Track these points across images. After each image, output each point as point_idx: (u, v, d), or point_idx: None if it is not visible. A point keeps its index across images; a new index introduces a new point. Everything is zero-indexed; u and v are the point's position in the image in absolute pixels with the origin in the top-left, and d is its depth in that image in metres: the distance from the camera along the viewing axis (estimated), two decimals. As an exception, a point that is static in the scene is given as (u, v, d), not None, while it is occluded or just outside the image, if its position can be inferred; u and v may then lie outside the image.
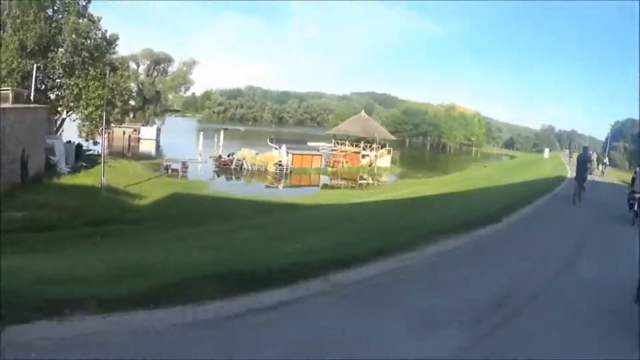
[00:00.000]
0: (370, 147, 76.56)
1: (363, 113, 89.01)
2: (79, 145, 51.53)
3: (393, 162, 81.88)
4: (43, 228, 22.17)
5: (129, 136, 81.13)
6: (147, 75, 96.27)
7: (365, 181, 64.93)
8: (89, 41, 46.81)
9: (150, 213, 30.45)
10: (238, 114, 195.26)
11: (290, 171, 62.33)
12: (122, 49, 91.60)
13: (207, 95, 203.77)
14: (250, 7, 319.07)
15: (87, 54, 46.15)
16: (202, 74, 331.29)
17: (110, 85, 47.52)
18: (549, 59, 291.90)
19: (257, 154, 63.96)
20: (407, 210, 26.32)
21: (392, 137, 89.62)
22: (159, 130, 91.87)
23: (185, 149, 67.92)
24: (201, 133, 75.26)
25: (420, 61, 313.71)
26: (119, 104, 52.06)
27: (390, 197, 37.80)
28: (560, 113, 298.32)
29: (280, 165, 61.86)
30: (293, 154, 64.41)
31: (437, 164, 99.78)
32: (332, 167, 70.20)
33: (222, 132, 72.96)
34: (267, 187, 54.29)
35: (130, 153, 69.11)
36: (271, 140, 71.71)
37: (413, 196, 36.28)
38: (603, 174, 48.95)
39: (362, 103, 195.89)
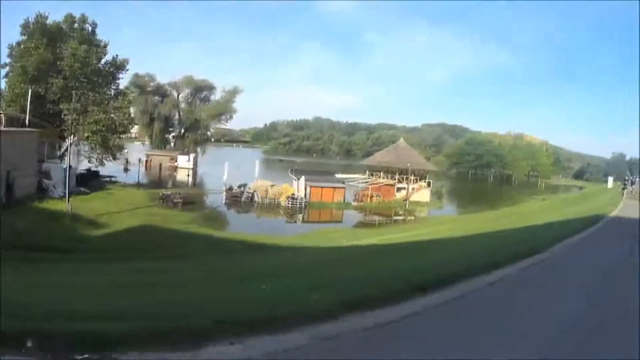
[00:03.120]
0: (406, 179, 66.79)
1: (401, 141, 78.37)
2: (95, 172, 54.04)
3: (438, 195, 73.81)
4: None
5: (160, 164, 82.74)
6: (187, 103, 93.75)
7: (401, 217, 57.20)
8: (88, 67, 46.52)
9: (97, 244, 28.34)
10: (304, 145, 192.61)
11: (306, 205, 54.45)
12: (168, 76, 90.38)
13: (273, 126, 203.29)
14: (324, 39, 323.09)
15: (84, 80, 46.26)
16: (272, 105, 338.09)
17: (112, 111, 48.42)
18: (619, 86, 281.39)
19: (272, 185, 56.14)
20: (395, 257, 23.01)
21: (432, 168, 79.33)
22: (195, 159, 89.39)
23: (228, 178, 61.00)
24: (256, 162, 69.33)
25: (492, 91, 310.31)
26: (120, 129, 51.24)
27: (394, 239, 32.72)
28: (633, 141, 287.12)
29: (293, 198, 54.02)
30: (311, 186, 56.48)
31: (491, 198, 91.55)
32: (360, 201, 61.68)
33: (257, 162, 67.65)
34: (264, 220, 48.35)
35: (165, 181, 69.67)
36: (292, 171, 64.09)
37: (421, 238, 32.21)
38: None
39: (432, 134, 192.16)
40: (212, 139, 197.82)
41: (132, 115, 55.24)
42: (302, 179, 57.50)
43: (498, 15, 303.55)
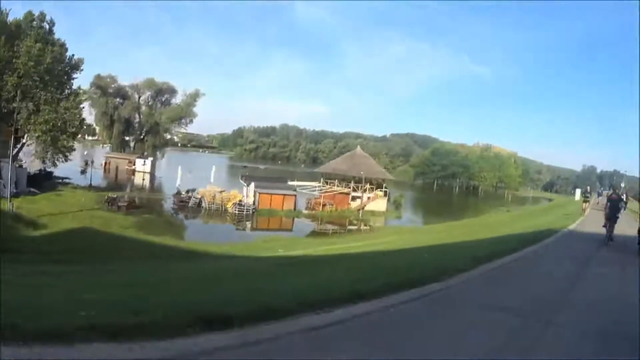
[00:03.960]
0: (362, 188, 65.95)
1: (358, 149, 77.22)
2: (48, 173, 55.11)
3: (396, 205, 73.10)
4: None
5: (116, 167, 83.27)
6: (148, 106, 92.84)
7: (354, 227, 56.00)
8: (41, 66, 45.52)
9: (35, 244, 28.14)
10: (270, 152, 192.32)
11: (253, 212, 53.67)
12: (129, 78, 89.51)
13: (239, 132, 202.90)
14: (295, 47, 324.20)
15: (37, 78, 45.49)
16: (241, 111, 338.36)
17: (63, 111, 47.27)
18: (591, 100, 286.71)
19: (221, 191, 55.15)
20: (308, 270, 19.31)
21: (390, 177, 77.67)
22: (153, 163, 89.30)
23: (182, 183, 62.00)
24: (213, 167, 68.73)
25: (463, 103, 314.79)
26: (69, 130, 49.72)
27: (331, 250, 31.41)
28: (604, 153, 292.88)
29: (240, 204, 53.04)
30: (260, 193, 55.58)
31: (452, 209, 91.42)
32: (312, 209, 60.45)
33: (213, 168, 66.94)
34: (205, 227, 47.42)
35: (122, 184, 69.12)
36: (242, 177, 63.76)
37: (354, 250, 29.71)
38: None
39: (400, 144, 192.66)
40: (179, 144, 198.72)
41: (83, 115, 54.20)
42: (252, 185, 56.65)
43: (470, 28, 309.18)
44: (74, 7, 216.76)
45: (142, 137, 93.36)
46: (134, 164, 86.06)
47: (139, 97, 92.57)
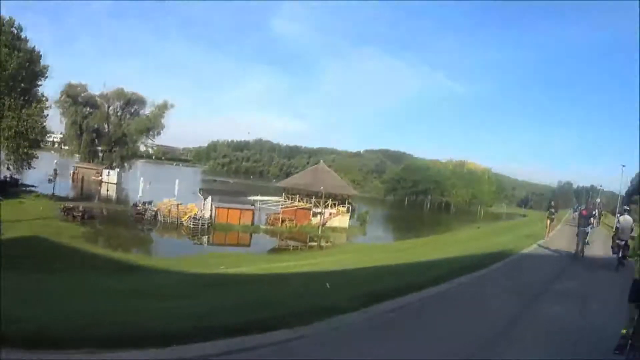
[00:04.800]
0: (325, 203, 64.74)
1: (321, 164, 77.38)
2: (14, 180, 55.46)
3: (362, 221, 72.94)
4: None
5: (82, 177, 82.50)
6: (117, 116, 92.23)
7: (315, 243, 54.96)
8: (6, 72, 46.11)
9: None
10: (243, 167, 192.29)
11: (209, 226, 52.74)
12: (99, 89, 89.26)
13: (212, 146, 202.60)
14: (273, 62, 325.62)
15: (2, 84, 46.20)
16: (217, 124, 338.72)
17: (25, 118, 48.19)
18: (567, 117, 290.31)
19: (179, 204, 54.54)
20: (234, 290, 19.53)
21: (354, 192, 77.98)
22: (120, 174, 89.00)
23: (143, 195, 60.88)
24: (176, 181, 68.31)
25: (438, 119, 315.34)
26: (31, 137, 50.39)
27: (275, 269, 30.33)
28: (581, 169, 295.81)
29: (195, 218, 52.16)
30: (217, 207, 54.81)
31: (421, 225, 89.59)
32: (272, 225, 59.64)
33: (177, 181, 66.86)
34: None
35: (88, 195, 68.23)
36: (200, 191, 63.72)
37: (297, 270, 29.16)
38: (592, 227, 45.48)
39: (374, 160, 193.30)
40: (154, 157, 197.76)
41: (45, 124, 54.15)
42: (209, 199, 56.37)
43: (446, 45, 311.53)
44: (57, 17, 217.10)
45: (110, 147, 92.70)
46: (101, 175, 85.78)
47: (108, 107, 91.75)
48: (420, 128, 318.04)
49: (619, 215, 26.45)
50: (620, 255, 20.84)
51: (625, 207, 27.77)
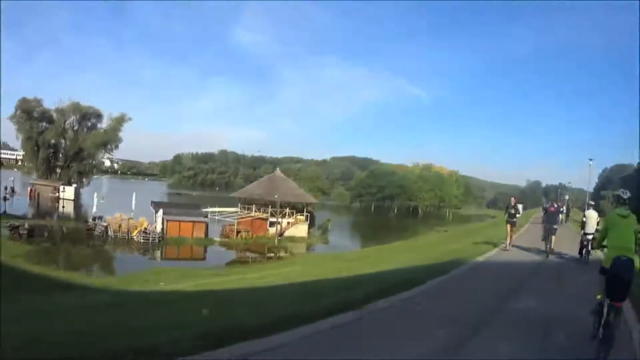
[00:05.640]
0: (282, 212, 64.07)
1: (277, 172, 75.65)
2: None
3: (323, 230, 71.83)
4: None
5: (38, 194, 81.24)
6: (73, 131, 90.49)
7: (273, 254, 53.80)
8: None
9: None
10: (209, 179, 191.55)
11: (159, 240, 51.57)
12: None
13: (178, 159, 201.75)
14: (235, 74, 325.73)
15: None
16: (181, 138, 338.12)
17: None
18: (533, 117, 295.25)
19: (130, 218, 53.39)
20: (153, 309, 17.69)
21: (313, 200, 76.06)
22: (77, 190, 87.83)
23: (98, 210, 59.50)
24: (133, 194, 67.25)
25: (404, 124, 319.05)
26: None
27: (212, 285, 29.17)
28: (550, 167, 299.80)
29: (145, 232, 51.08)
30: (168, 220, 53.50)
31: (386, 232, 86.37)
32: (227, 236, 58.43)
33: (134, 194, 65.98)
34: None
35: (45, 212, 66.53)
36: (152, 204, 62.05)
37: (237, 285, 27.51)
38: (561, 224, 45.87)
39: (340, 167, 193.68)
40: (119, 172, 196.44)
41: None
42: (160, 212, 55.08)
43: (408, 50, 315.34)
44: (16, 32, 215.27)
45: (67, 163, 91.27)
46: (58, 191, 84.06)
47: (64, 122, 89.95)
48: (387, 134, 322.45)
49: (586, 211, 25.33)
50: (588, 249, 21.56)
51: (590, 202, 29.19)
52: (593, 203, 26.91)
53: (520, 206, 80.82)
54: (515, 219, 26.40)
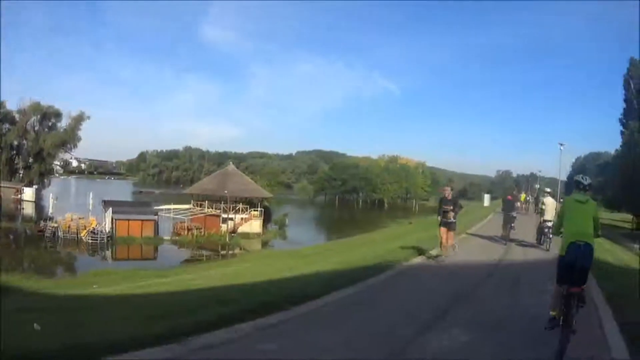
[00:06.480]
0: (235, 208, 63.85)
1: (231, 166, 75.90)
2: None
3: (280, 225, 71.98)
4: None
5: (0, 196, 76.65)
6: (34, 131, 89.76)
7: (225, 252, 53.22)
8: None
9: None
10: (174, 176, 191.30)
11: (108, 240, 50.82)
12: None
13: (142, 157, 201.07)
14: (204, 71, 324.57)
15: None
16: (148, 136, 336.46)
17: None
18: (502, 108, 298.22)
19: (80, 218, 53.04)
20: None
21: (268, 195, 75.32)
22: (38, 191, 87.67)
23: (60, 211, 60.19)
24: (90, 194, 67.24)
25: (372, 117, 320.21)
26: None
27: (146, 287, 28.66)
28: (521, 159, 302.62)
29: (94, 232, 50.44)
30: (117, 219, 52.44)
31: (348, 225, 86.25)
32: (178, 234, 57.70)
33: (90, 194, 66.09)
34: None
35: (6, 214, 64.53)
36: (103, 203, 60.36)
37: (164, 289, 24.55)
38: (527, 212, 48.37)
39: (306, 162, 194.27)
40: (86, 171, 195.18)
41: None
42: (109, 211, 54.13)
43: (378, 44, 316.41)
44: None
45: (29, 164, 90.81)
46: (21, 193, 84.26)
47: (26, 122, 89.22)
48: (355, 127, 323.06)
49: (543, 198, 26.25)
50: (549, 235, 22.24)
51: (546, 189, 28.98)
52: (550, 190, 27.47)
53: (487, 196, 79.94)
54: (452, 220, 18.31)
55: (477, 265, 18.59)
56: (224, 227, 61.17)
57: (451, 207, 18.36)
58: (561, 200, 37.90)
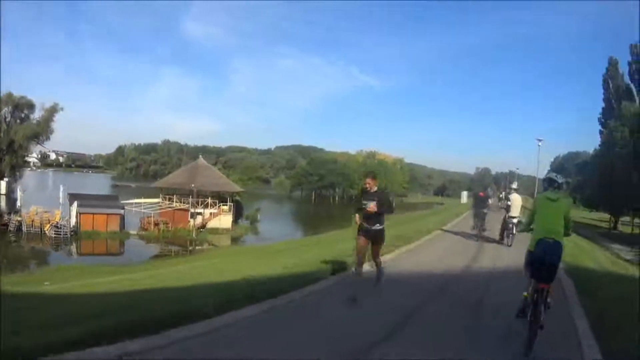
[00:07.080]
0: (204, 203, 63.35)
1: (200, 160, 75.34)
2: None
3: (252, 220, 71.32)
4: None
5: None
6: (5, 123, 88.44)
7: (198, 247, 52.87)
8: None
9: None
10: (152, 170, 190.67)
11: (72, 234, 50.02)
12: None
13: (120, 150, 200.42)
14: (185, 65, 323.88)
15: None
16: (128, 130, 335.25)
17: None
18: (481, 105, 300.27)
19: (45, 212, 52.15)
20: None
21: (238, 189, 74.85)
22: (10, 184, 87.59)
23: (24, 204, 59.43)
24: (61, 187, 66.65)
25: (352, 112, 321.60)
26: None
27: (104, 284, 28.22)
28: (500, 156, 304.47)
29: (57, 227, 49.64)
30: (81, 213, 51.34)
31: (322, 221, 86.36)
32: (145, 229, 56.81)
33: (61, 187, 65.67)
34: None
35: None
36: (68, 196, 58.31)
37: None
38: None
39: (285, 157, 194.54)
40: (64, 164, 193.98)
41: None
42: (75, 204, 53.01)
43: (361, 40, 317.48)
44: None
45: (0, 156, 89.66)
46: (-5, 187, 79.54)
47: None
48: (335, 122, 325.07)
49: (506, 195, 27.87)
50: (512, 232, 22.55)
51: (512, 186, 27.97)
52: (516, 187, 27.14)
53: (465, 193, 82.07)
54: (374, 227, 10.84)
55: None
56: (192, 222, 59.56)
57: (374, 205, 10.48)
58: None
